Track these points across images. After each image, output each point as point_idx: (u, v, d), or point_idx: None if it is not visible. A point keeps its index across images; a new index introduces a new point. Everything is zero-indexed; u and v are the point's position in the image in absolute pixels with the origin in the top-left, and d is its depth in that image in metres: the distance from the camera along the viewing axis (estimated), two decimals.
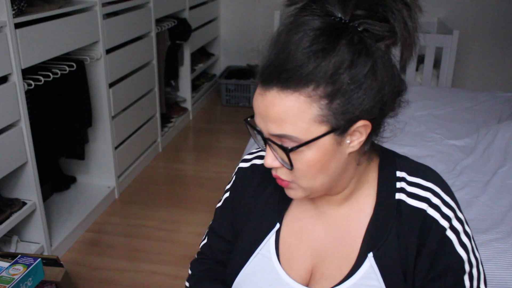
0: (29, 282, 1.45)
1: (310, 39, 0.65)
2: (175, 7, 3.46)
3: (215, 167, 3.20)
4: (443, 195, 0.80)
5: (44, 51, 2.04)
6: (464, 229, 0.79)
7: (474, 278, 0.79)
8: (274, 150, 0.73)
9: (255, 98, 0.72)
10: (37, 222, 2.14)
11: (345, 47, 0.66)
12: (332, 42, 0.66)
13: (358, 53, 0.66)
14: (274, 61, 0.67)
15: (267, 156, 0.73)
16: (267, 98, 0.68)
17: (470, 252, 0.79)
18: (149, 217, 2.62)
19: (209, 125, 4.01)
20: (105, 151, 2.71)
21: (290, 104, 0.67)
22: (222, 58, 4.80)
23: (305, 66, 0.65)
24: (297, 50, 0.65)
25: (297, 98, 0.66)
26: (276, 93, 0.67)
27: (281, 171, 0.75)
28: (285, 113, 0.67)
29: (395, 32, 0.69)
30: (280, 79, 0.66)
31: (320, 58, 0.65)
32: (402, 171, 0.82)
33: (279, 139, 0.70)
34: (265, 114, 0.69)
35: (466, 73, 4.25)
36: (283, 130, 0.68)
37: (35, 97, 2.11)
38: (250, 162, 0.95)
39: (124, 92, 2.78)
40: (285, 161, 0.72)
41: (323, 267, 0.83)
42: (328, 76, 0.65)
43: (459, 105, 2.75)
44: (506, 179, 1.93)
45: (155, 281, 2.14)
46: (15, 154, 1.94)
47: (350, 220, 0.82)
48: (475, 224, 1.64)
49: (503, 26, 4.05)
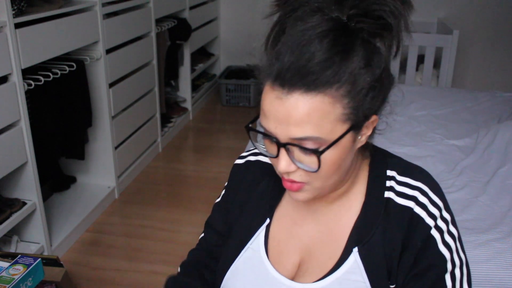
0: (29, 282, 1.45)
1: (331, 41, 0.66)
2: (175, 7, 3.46)
3: (215, 167, 3.20)
4: (430, 194, 0.80)
5: (44, 51, 2.04)
6: (449, 229, 0.80)
7: (456, 279, 0.79)
8: (290, 154, 0.71)
9: (269, 103, 0.69)
10: (37, 222, 2.14)
11: (361, 46, 0.68)
12: (350, 43, 0.67)
13: (371, 51, 0.69)
14: (295, 64, 0.66)
15: (282, 161, 0.71)
16: (288, 102, 0.66)
17: (454, 252, 0.79)
18: (149, 217, 2.62)
19: (209, 125, 4.01)
20: (105, 151, 2.71)
21: (314, 106, 0.66)
22: (222, 58, 4.80)
23: (329, 68, 0.66)
24: (319, 52, 0.65)
25: (321, 99, 0.66)
26: (299, 96, 0.66)
27: (296, 174, 0.73)
28: (309, 116, 0.66)
29: (390, 29, 0.70)
30: (304, 82, 0.65)
31: (343, 60, 0.66)
32: (393, 170, 0.83)
33: (300, 142, 0.68)
34: (286, 118, 0.67)
35: (466, 73, 4.25)
36: (306, 132, 0.67)
37: (35, 97, 2.11)
38: (245, 158, 0.97)
39: (124, 92, 2.78)
40: (306, 164, 0.71)
41: (310, 262, 0.85)
42: (350, 76, 0.67)
43: (459, 105, 2.75)
44: (506, 179, 1.92)
45: (155, 281, 2.14)
46: (15, 154, 1.95)
47: (340, 217, 0.84)
48: (475, 224, 1.64)
49: (503, 26, 4.05)
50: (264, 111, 0.70)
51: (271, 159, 0.75)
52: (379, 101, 0.72)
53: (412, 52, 3.45)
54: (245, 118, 4.05)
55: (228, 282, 0.90)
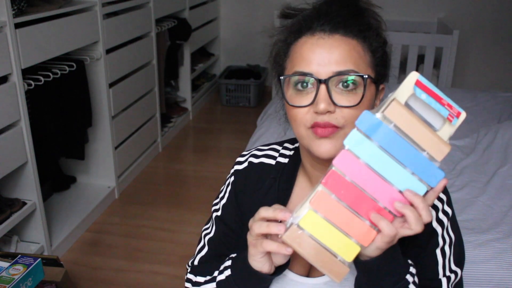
0: (29, 282, 1.45)
1: (355, 8, 0.80)
2: (175, 7, 3.46)
3: (215, 167, 3.20)
4: None
5: (44, 51, 2.04)
6: (443, 208, 0.85)
7: (446, 256, 0.84)
8: (330, 93, 0.75)
9: (311, 46, 0.77)
10: (37, 222, 2.14)
11: (370, 13, 0.83)
12: (364, 13, 0.81)
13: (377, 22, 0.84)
14: (334, 12, 0.78)
15: (323, 99, 0.74)
16: (331, 40, 0.76)
17: (445, 229, 0.84)
18: (149, 217, 2.62)
19: (209, 125, 4.01)
20: (105, 151, 2.71)
21: (352, 46, 0.77)
22: (222, 58, 4.80)
23: (356, 21, 0.79)
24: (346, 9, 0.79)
25: (356, 43, 0.78)
26: (340, 36, 0.77)
27: (334, 116, 0.75)
28: (350, 52, 0.76)
29: None
30: (343, 26, 0.77)
31: (363, 19, 0.80)
32: None
33: (342, 75, 0.75)
34: (329, 55, 0.75)
35: (466, 73, 4.25)
36: (348, 66, 0.75)
37: (35, 97, 2.11)
38: (246, 162, 0.96)
39: (124, 92, 2.79)
40: (346, 103, 0.75)
41: None
42: (374, 32, 0.81)
43: (459, 105, 2.74)
44: (506, 179, 1.93)
45: (155, 281, 2.14)
46: (15, 154, 1.95)
47: None
48: (475, 224, 1.64)
49: (503, 26, 4.05)
50: (305, 56, 0.77)
51: (300, 113, 0.77)
52: (387, 67, 0.83)
53: (412, 52, 3.45)
54: (245, 118, 4.06)
55: None
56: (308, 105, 0.76)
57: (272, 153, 0.95)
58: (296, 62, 0.78)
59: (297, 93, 0.78)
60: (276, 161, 0.93)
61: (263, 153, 0.96)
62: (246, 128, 3.71)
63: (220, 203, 0.97)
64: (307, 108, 0.76)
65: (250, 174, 0.94)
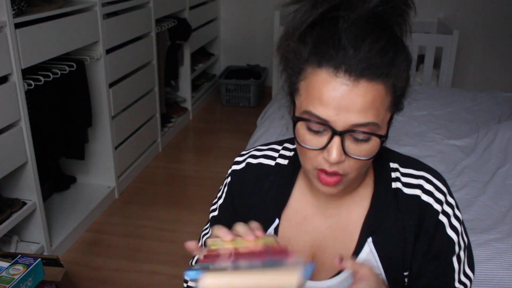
0: (29, 282, 1.45)
1: (387, 36, 0.71)
2: (175, 7, 3.46)
3: (215, 167, 3.20)
4: (434, 181, 0.84)
5: (44, 51, 2.04)
6: (454, 212, 0.84)
7: (461, 261, 0.84)
8: (343, 143, 0.71)
9: (333, 90, 0.69)
10: (37, 222, 2.14)
11: (401, 43, 0.74)
12: (399, 40, 0.74)
13: (405, 47, 0.75)
14: (361, 54, 0.69)
15: (336, 150, 0.70)
16: (357, 89, 0.68)
17: (460, 235, 0.83)
18: (149, 217, 2.62)
19: (209, 125, 4.01)
20: (105, 151, 2.71)
21: (377, 94, 0.70)
22: (222, 58, 4.80)
23: (386, 61, 0.70)
24: (379, 45, 0.69)
25: (381, 87, 0.70)
26: (365, 83, 0.69)
27: (341, 165, 0.73)
28: (372, 102, 0.69)
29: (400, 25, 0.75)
30: (370, 71, 0.69)
31: (396, 54, 0.71)
32: (395, 163, 0.86)
33: (360, 128, 0.70)
34: (350, 105, 0.69)
35: (466, 73, 4.25)
36: (368, 118, 0.69)
37: (35, 97, 2.11)
38: (244, 162, 0.94)
39: (124, 92, 2.78)
40: (356, 154, 0.72)
41: (323, 257, 0.85)
42: (398, 69, 0.72)
43: (459, 105, 2.75)
44: (506, 179, 1.93)
45: (155, 281, 2.14)
46: (15, 154, 1.95)
47: (350, 211, 0.85)
48: (475, 224, 1.64)
49: (503, 26, 4.05)
50: (323, 99, 0.69)
51: (310, 152, 0.74)
52: (407, 92, 0.77)
53: (412, 52, 3.44)
54: (245, 118, 4.06)
55: None
56: (319, 149, 0.72)
57: (271, 153, 0.93)
58: (311, 100, 0.71)
59: (309, 132, 0.73)
60: (275, 162, 0.91)
61: (262, 153, 0.94)
62: (246, 128, 3.71)
63: (218, 203, 0.97)
64: (318, 151, 0.73)
65: (247, 176, 0.92)
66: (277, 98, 2.85)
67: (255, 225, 0.71)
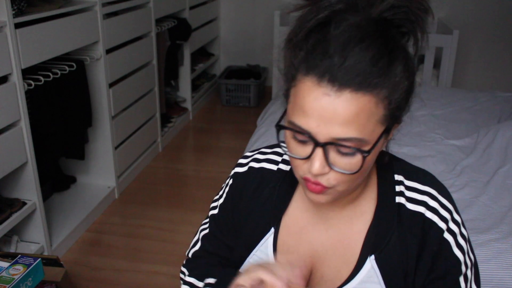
0: (29, 282, 1.45)
1: (379, 44, 0.66)
2: (175, 7, 3.46)
3: (215, 167, 3.20)
4: (440, 198, 0.81)
5: (44, 51, 2.04)
6: (461, 231, 0.81)
7: (468, 279, 0.81)
8: (326, 155, 0.68)
9: (314, 99, 0.66)
10: (37, 222, 2.14)
11: (401, 52, 0.68)
12: (394, 47, 0.68)
13: (408, 56, 0.70)
14: (347, 63, 0.65)
15: (318, 162, 0.68)
16: (339, 100, 0.64)
17: (466, 254, 0.81)
18: (149, 217, 2.62)
19: (209, 125, 4.01)
20: (105, 151, 2.71)
21: (362, 106, 0.65)
22: (222, 58, 4.80)
23: (379, 70, 0.66)
24: (369, 54, 0.65)
25: (369, 99, 0.65)
26: (349, 94, 0.64)
27: (325, 177, 0.70)
28: (357, 115, 0.65)
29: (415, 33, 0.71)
30: (356, 81, 0.64)
31: (390, 63, 0.67)
32: (400, 175, 0.83)
33: (341, 142, 0.67)
34: (332, 116, 0.65)
35: (466, 73, 4.25)
36: (351, 133, 0.65)
37: (35, 97, 2.11)
38: (247, 165, 0.93)
39: (124, 92, 2.78)
40: (340, 167, 0.69)
41: (322, 269, 0.84)
42: (394, 78, 0.67)
43: (459, 105, 2.75)
44: (506, 179, 1.93)
45: (155, 281, 2.14)
46: (15, 154, 1.95)
47: (352, 224, 0.83)
48: (475, 224, 1.64)
49: (503, 26, 4.05)
50: (305, 109, 0.66)
51: (296, 161, 0.72)
52: (408, 105, 0.72)
53: None
54: (245, 118, 4.06)
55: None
56: (303, 159, 0.70)
57: (274, 157, 0.91)
58: (296, 109, 0.68)
59: (295, 141, 0.71)
60: (277, 168, 0.90)
61: (265, 157, 0.92)
62: (246, 128, 3.71)
63: (219, 201, 0.96)
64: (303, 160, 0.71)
65: (249, 180, 0.90)
66: (277, 98, 2.85)
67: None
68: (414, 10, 0.68)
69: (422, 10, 0.69)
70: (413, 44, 0.72)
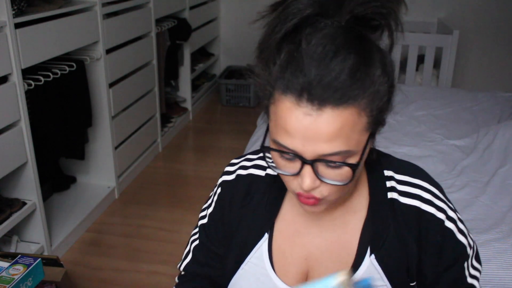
0: (29, 282, 1.45)
1: (354, 54, 0.64)
2: (175, 7, 3.46)
3: (215, 167, 3.20)
4: (432, 189, 0.82)
5: (44, 51, 2.04)
6: (458, 216, 0.83)
7: (469, 257, 0.83)
8: (315, 170, 0.68)
9: (296, 120, 0.64)
10: (37, 222, 2.14)
11: (376, 54, 0.67)
12: (369, 52, 0.66)
13: (384, 56, 0.69)
14: (324, 79, 0.63)
15: (307, 178, 0.68)
16: (320, 118, 0.63)
17: (468, 236, 0.83)
18: (149, 217, 2.62)
19: (209, 125, 4.01)
20: (105, 151, 2.71)
21: (345, 120, 0.64)
22: (222, 58, 4.80)
23: (358, 81, 0.64)
24: (346, 66, 0.63)
25: (351, 112, 0.64)
26: (330, 111, 0.63)
27: (317, 190, 0.70)
28: (340, 130, 0.64)
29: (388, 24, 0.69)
30: (335, 97, 0.63)
31: (367, 70, 0.65)
32: (389, 170, 0.84)
33: (328, 157, 0.66)
34: (316, 135, 0.64)
35: (466, 73, 4.25)
36: (336, 147, 0.65)
37: (35, 97, 2.11)
38: (234, 173, 0.92)
39: (124, 92, 2.78)
40: (331, 179, 0.69)
41: (320, 270, 0.84)
42: (373, 85, 0.66)
43: (459, 105, 2.75)
44: (506, 179, 1.93)
45: (155, 281, 2.14)
46: (15, 154, 1.94)
47: (346, 223, 0.82)
48: (475, 224, 1.64)
49: (503, 26, 4.05)
50: (288, 129, 0.65)
51: (287, 177, 0.72)
52: (390, 105, 0.71)
53: (412, 52, 3.45)
54: (245, 118, 4.06)
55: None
56: (293, 175, 0.70)
57: (261, 163, 0.90)
58: (278, 129, 0.67)
59: (282, 158, 0.70)
60: (265, 173, 0.89)
61: (252, 163, 0.91)
62: (246, 128, 3.71)
63: (207, 210, 0.95)
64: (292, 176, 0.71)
65: (237, 188, 0.89)
66: None
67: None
68: (384, 3, 0.67)
69: (394, 2, 0.68)
70: (387, 35, 0.70)
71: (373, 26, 0.69)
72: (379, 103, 0.67)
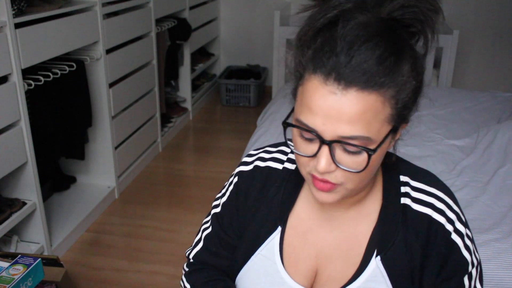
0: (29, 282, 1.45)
1: (386, 43, 0.66)
2: (175, 7, 3.46)
3: (215, 167, 3.20)
4: (446, 199, 0.81)
5: (44, 51, 2.04)
6: (467, 232, 0.81)
7: (472, 278, 0.82)
8: (332, 153, 0.68)
9: (320, 98, 0.66)
10: (37, 222, 2.14)
11: (409, 51, 0.69)
12: (401, 46, 0.68)
13: (416, 56, 0.70)
14: (353, 61, 0.65)
15: (324, 159, 0.68)
16: (345, 98, 0.64)
17: (472, 254, 0.81)
18: (149, 217, 2.62)
19: (209, 125, 4.01)
20: (105, 151, 2.71)
21: (369, 105, 0.65)
22: (222, 58, 4.80)
23: (385, 69, 0.66)
24: (376, 52, 0.65)
25: (375, 98, 0.65)
26: (355, 93, 0.64)
27: (332, 175, 0.71)
28: (363, 114, 0.65)
29: (424, 32, 0.71)
30: (362, 79, 0.64)
31: (396, 62, 0.67)
32: (405, 176, 0.83)
33: (348, 140, 0.67)
34: (338, 115, 0.65)
35: (466, 73, 4.25)
36: (357, 131, 0.66)
37: (35, 97, 2.11)
38: (252, 164, 0.92)
39: (124, 92, 2.78)
40: (346, 165, 0.69)
41: (329, 269, 0.84)
42: (401, 77, 0.67)
43: (459, 105, 2.75)
44: (506, 179, 1.93)
45: (155, 281, 2.14)
46: (15, 154, 1.94)
47: (357, 224, 0.83)
48: (475, 224, 1.64)
49: (503, 26, 4.05)
50: (312, 107, 0.67)
51: (302, 158, 0.72)
52: (416, 105, 0.72)
53: None
54: (245, 118, 4.06)
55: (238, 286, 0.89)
56: (310, 157, 0.71)
57: (280, 156, 0.91)
58: (303, 108, 0.69)
59: (302, 138, 0.71)
60: (283, 167, 0.89)
61: (271, 156, 0.92)
62: (246, 128, 3.71)
63: (221, 200, 0.95)
64: (309, 158, 0.71)
65: (254, 179, 0.90)
66: (277, 98, 2.85)
67: None
68: (424, 10, 0.68)
69: (432, 10, 0.69)
70: (423, 44, 0.72)
71: (410, 32, 0.70)
72: (405, 98, 0.68)
